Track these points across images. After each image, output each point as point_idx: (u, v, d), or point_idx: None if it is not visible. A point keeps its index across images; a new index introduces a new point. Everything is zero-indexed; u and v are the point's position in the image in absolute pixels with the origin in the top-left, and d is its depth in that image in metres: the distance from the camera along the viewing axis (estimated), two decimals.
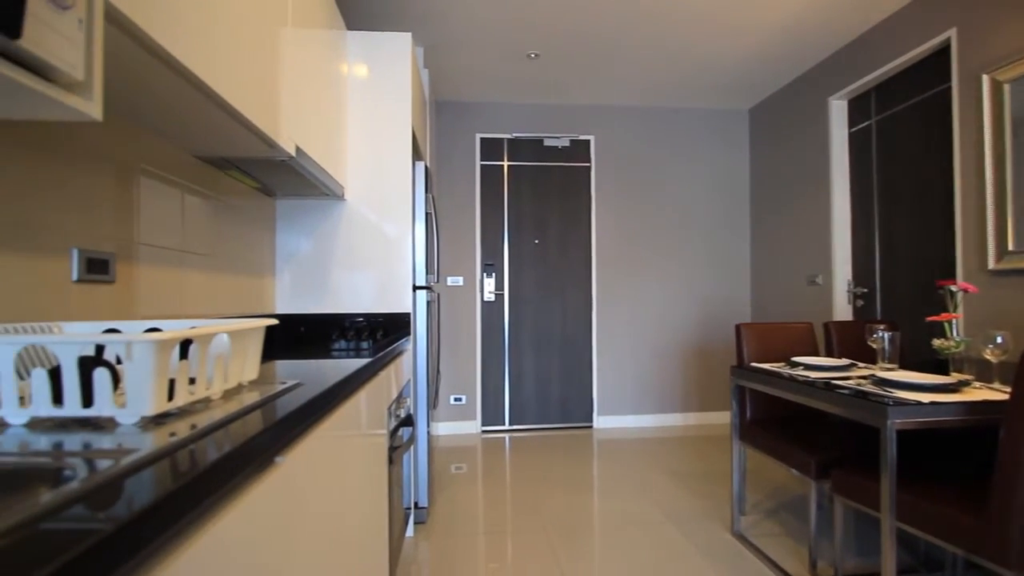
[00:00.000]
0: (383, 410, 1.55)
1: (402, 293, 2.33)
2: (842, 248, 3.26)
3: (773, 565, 1.96)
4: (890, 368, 1.88)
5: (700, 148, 4.22)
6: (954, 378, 1.62)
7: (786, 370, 1.96)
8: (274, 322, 0.98)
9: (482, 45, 3.13)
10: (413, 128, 2.40)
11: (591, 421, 4.09)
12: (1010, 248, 2.19)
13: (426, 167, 2.44)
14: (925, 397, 1.44)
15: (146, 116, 1.18)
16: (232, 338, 0.80)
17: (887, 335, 1.90)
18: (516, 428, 4.03)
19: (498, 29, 2.95)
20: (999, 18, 2.25)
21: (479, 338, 3.99)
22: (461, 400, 3.95)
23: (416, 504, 2.40)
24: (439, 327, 3.87)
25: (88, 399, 0.61)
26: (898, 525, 1.46)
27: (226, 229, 1.77)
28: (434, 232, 2.62)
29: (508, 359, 4.03)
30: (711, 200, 4.23)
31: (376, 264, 2.32)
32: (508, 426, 4.02)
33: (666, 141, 4.19)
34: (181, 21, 0.92)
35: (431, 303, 2.55)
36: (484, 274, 4.02)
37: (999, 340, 1.61)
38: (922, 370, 1.88)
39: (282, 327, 2.26)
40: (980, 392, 1.51)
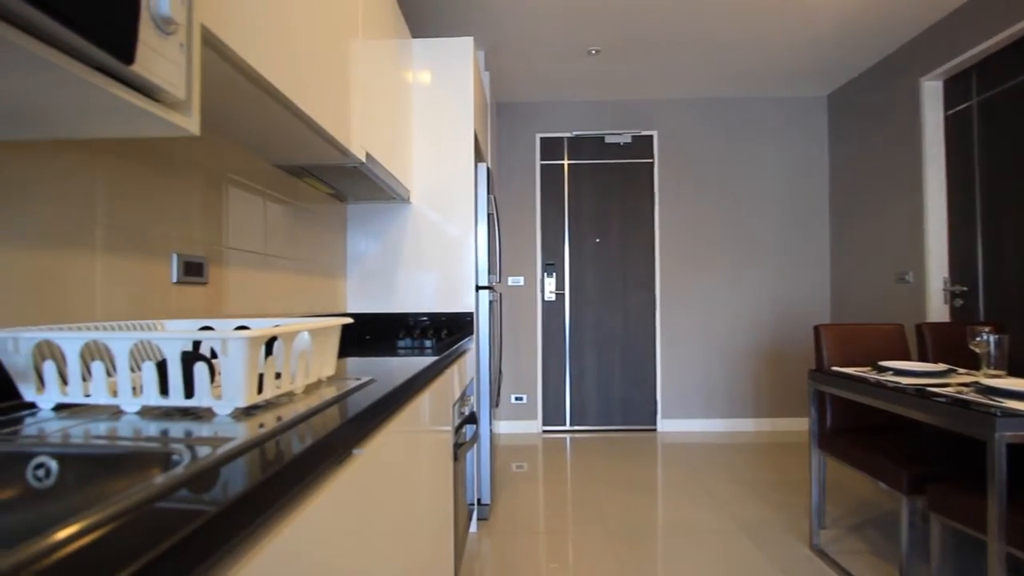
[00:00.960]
0: (449, 407, 1.59)
1: (465, 293, 2.38)
2: (937, 242, 2.98)
3: None
4: (996, 375, 1.69)
5: (772, 139, 4.00)
6: None
7: (873, 375, 1.82)
8: (350, 321, 1.02)
9: (543, 43, 3.13)
10: (475, 130, 2.43)
11: (655, 424, 3.98)
12: None
13: (488, 168, 2.48)
14: None
15: (232, 129, 1.27)
16: (313, 336, 0.85)
17: (993, 338, 1.71)
18: (577, 429, 3.99)
19: (559, 26, 2.94)
20: None
21: (539, 338, 3.99)
22: (522, 399, 3.97)
23: (479, 501, 2.44)
24: (501, 327, 3.91)
25: (189, 390, 0.67)
26: (1008, 551, 1.31)
27: (303, 233, 1.88)
28: (496, 232, 2.64)
29: (569, 359, 4.01)
30: (785, 194, 3.99)
31: (439, 264, 2.38)
32: (569, 426, 4.00)
33: (735, 133, 4.00)
34: (266, 40, 0.99)
35: (493, 303, 2.58)
36: (544, 274, 4.02)
37: None
38: None
39: (351, 325, 2.36)
40: None
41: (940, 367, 1.81)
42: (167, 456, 0.53)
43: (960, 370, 1.84)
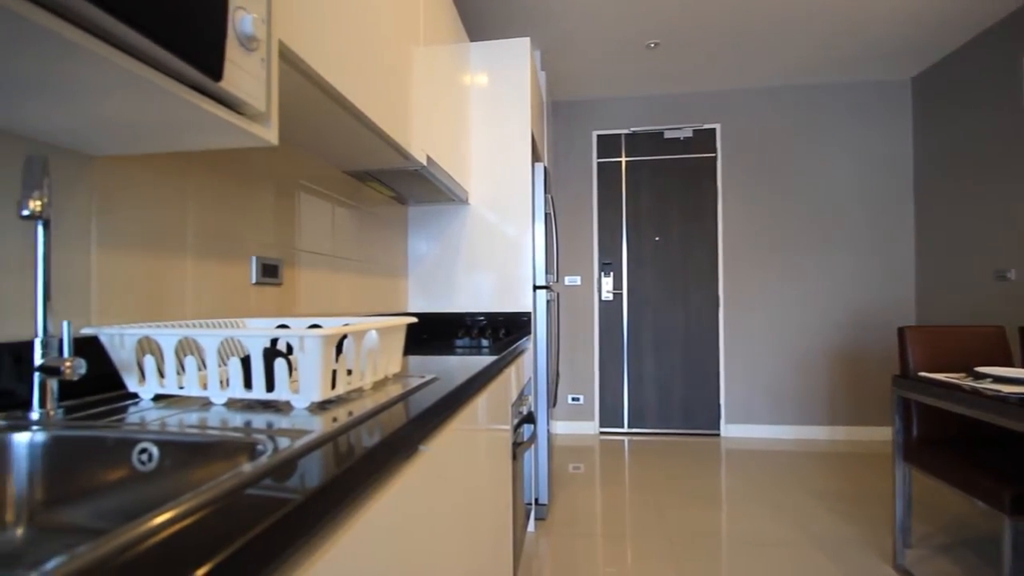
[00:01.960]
0: (507, 407, 1.60)
1: (522, 293, 2.39)
2: None
3: None
4: None
5: (847, 127, 3.74)
6: None
7: (968, 382, 1.66)
8: (414, 320, 1.05)
9: (600, 39, 3.09)
10: (532, 130, 2.44)
11: (718, 429, 3.83)
12: None
13: (545, 168, 2.47)
14: None
15: (303, 137, 1.34)
16: (380, 334, 0.88)
17: None
18: (635, 431, 3.91)
19: (616, 21, 2.88)
20: None
21: (597, 338, 3.94)
22: (579, 400, 3.94)
23: (536, 500, 2.44)
24: (558, 327, 3.89)
25: (270, 384, 0.71)
26: None
27: (368, 235, 1.95)
28: (553, 232, 2.64)
29: (627, 360, 3.93)
30: (862, 185, 3.72)
31: (497, 264, 2.40)
32: (627, 429, 3.92)
33: (805, 122, 3.78)
34: (336, 52, 1.04)
35: (550, 303, 2.57)
36: (602, 273, 3.96)
37: None
38: None
39: (410, 324, 2.43)
40: None
41: None
42: (252, 446, 0.56)
43: None
